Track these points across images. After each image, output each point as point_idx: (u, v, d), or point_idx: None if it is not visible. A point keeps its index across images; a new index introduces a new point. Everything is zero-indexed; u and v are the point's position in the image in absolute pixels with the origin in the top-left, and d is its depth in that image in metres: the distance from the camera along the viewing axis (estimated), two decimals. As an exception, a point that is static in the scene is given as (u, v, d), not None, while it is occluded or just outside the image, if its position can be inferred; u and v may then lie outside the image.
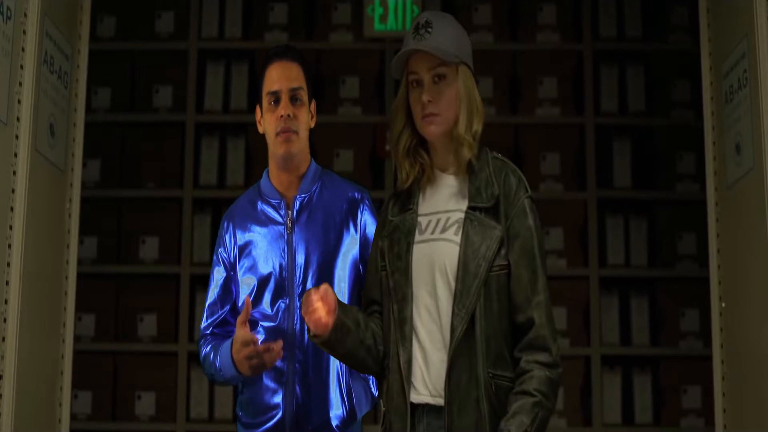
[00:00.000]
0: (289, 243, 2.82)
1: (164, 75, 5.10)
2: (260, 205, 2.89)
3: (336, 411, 2.79)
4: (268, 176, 2.92)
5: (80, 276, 3.49)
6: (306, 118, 2.85)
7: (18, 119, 2.93)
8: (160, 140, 5.06)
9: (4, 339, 2.84)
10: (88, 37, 3.51)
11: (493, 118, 4.89)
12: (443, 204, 2.48)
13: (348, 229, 2.84)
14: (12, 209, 2.89)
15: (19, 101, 2.93)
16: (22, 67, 2.96)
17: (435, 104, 2.43)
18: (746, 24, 3.05)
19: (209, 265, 2.95)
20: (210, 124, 5.10)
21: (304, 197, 2.86)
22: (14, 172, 2.91)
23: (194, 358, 4.86)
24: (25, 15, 2.98)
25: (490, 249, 2.37)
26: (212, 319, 2.91)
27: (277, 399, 2.77)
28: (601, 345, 4.86)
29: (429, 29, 2.44)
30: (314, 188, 2.87)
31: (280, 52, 2.87)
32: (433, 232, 2.44)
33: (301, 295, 2.74)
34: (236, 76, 5.12)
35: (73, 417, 4.43)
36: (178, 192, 5.00)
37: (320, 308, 2.39)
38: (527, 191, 2.45)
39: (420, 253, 2.43)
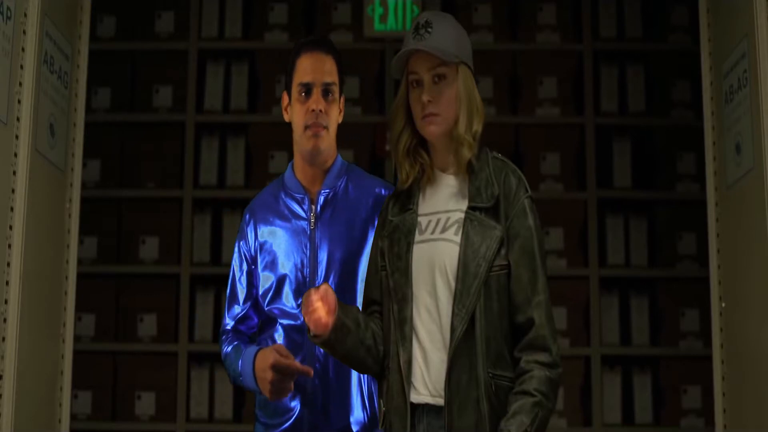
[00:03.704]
0: (312, 239, 2.76)
1: (164, 75, 5.09)
2: (283, 199, 2.82)
3: (356, 416, 2.73)
4: (293, 169, 2.85)
5: (80, 276, 3.49)
6: (336, 114, 2.79)
7: (18, 119, 2.93)
8: (160, 140, 5.05)
9: (4, 339, 2.84)
10: (88, 37, 3.50)
11: (493, 118, 4.88)
12: (443, 204, 2.48)
13: (373, 226, 2.72)
14: (12, 209, 2.89)
15: (19, 101, 2.93)
16: (22, 67, 2.96)
17: (435, 104, 2.43)
18: (746, 24, 3.05)
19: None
20: (210, 124, 5.10)
21: (329, 192, 2.79)
22: (14, 172, 2.91)
23: (194, 358, 4.87)
24: (25, 15, 2.98)
25: (490, 249, 2.37)
26: (234, 314, 2.85)
27: (296, 401, 2.71)
28: (601, 345, 4.85)
29: (429, 29, 2.44)
30: (339, 183, 2.81)
31: (316, 42, 2.80)
32: (433, 232, 2.44)
33: None
34: (236, 76, 5.12)
35: (73, 417, 4.43)
36: (178, 192, 4.99)
37: (320, 308, 2.38)
38: (527, 191, 2.45)
39: (420, 253, 2.43)
